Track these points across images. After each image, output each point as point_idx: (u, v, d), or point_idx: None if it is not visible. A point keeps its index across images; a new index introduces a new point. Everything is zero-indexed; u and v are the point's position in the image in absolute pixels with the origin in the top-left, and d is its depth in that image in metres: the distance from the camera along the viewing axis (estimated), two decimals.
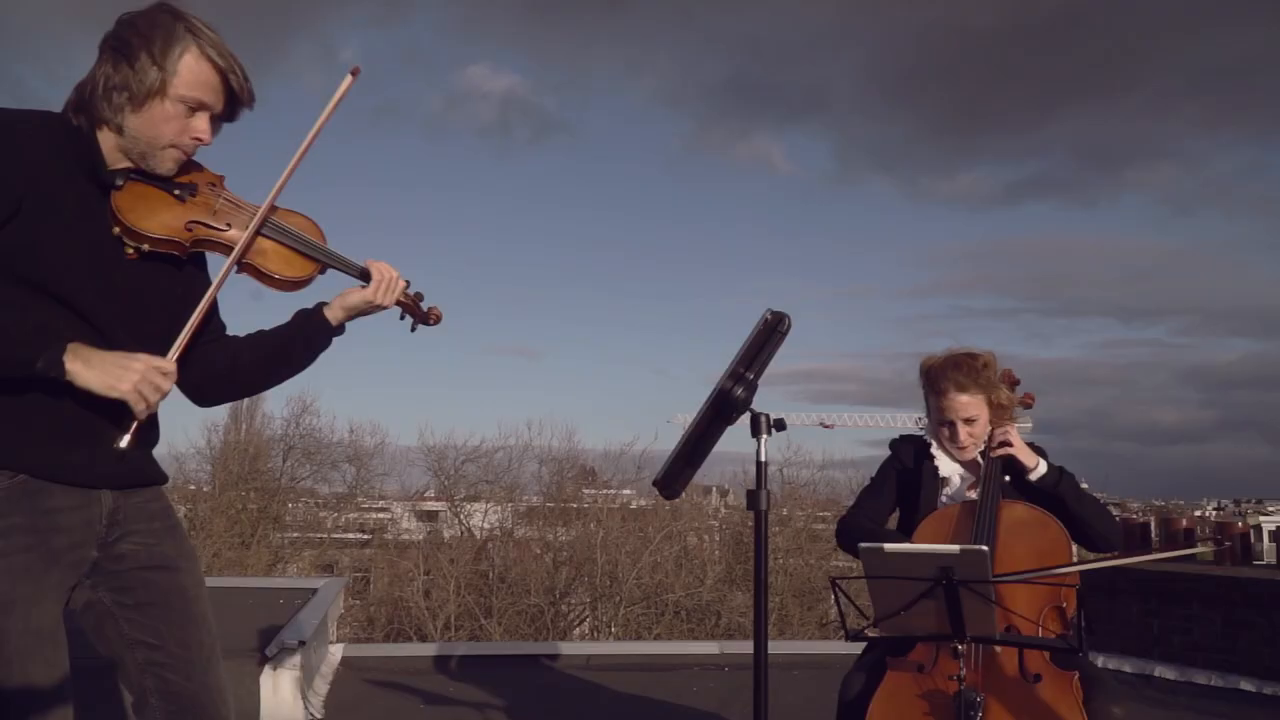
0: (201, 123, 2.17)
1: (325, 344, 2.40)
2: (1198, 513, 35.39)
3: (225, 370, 2.33)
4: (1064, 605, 3.02)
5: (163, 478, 2.35)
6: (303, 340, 2.37)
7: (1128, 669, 6.15)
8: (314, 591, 6.68)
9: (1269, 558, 6.62)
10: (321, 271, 2.36)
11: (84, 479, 2.13)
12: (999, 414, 3.44)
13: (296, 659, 5.06)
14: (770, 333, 2.47)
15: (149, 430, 2.24)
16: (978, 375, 3.40)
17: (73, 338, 2.03)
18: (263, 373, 2.41)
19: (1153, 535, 7.14)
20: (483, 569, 19.94)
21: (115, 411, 2.09)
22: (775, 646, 7.35)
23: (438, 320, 2.48)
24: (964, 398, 3.38)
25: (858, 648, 3.33)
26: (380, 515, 24.93)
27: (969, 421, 3.40)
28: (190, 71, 2.12)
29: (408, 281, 2.41)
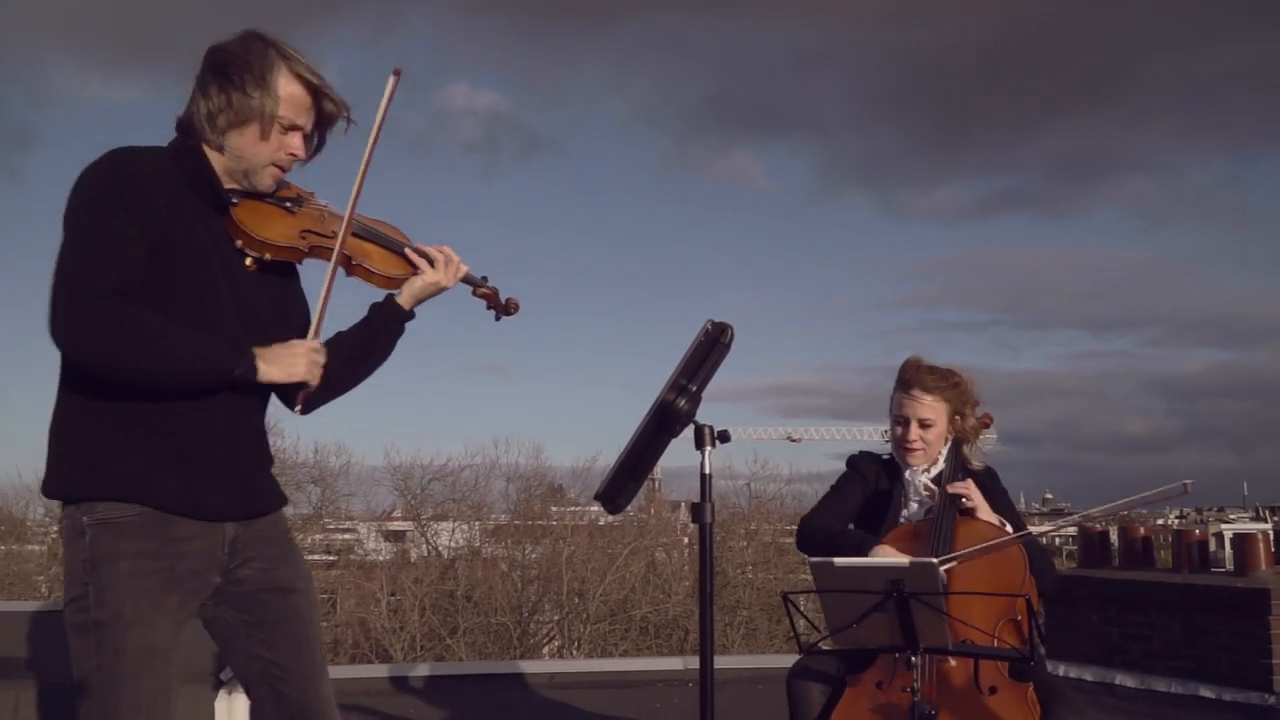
0: (295, 141, 2.36)
1: (401, 331, 2.57)
2: (1160, 521, 35.70)
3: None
4: (1019, 619, 3.01)
5: (283, 501, 2.53)
6: (384, 330, 2.55)
7: (1088, 677, 6.15)
8: None
9: (1229, 564, 6.65)
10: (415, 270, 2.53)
11: (208, 514, 2.30)
12: (964, 435, 3.48)
13: None
14: (712, 344, 2.45)
15: (268, 453, 2.49)
16: (948, 384, 3.45)
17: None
18: (352, 370, 2.55)
19: (1113, 544, 7.16)
20: (449, 588, 19.76)
21: (238, 447, 2.36)
22: (740, 660, 7.31)
23: (516, 309, 2.66)
24: (927, 398, 3.42)
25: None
26: (346, 536, 24.63)
27: (924, 425, 3.42)
28: (286, 93, 2.31)
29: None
